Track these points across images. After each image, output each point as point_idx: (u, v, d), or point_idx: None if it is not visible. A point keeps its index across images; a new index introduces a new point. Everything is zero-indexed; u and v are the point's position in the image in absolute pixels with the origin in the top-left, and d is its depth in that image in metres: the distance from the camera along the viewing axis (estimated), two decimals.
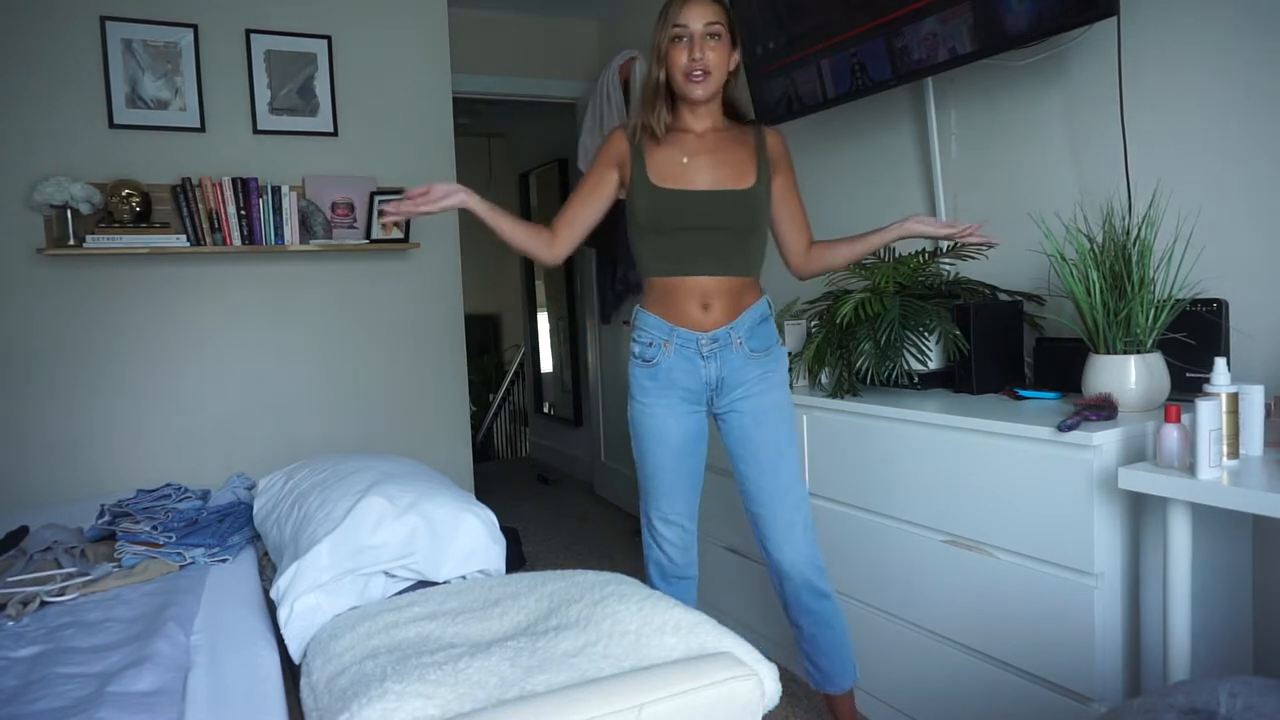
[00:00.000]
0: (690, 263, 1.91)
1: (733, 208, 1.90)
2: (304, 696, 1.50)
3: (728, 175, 1.92)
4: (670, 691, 1.30)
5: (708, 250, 1.91)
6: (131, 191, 2.98)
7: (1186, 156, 1.94)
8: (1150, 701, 1.18)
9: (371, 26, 3.47)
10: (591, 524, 4.42)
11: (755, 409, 1.96)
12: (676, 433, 1.99)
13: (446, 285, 3.66)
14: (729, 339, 1.93)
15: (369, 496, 1.89)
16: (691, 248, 1.91)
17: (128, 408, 3.12)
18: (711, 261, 1.91)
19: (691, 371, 1.95)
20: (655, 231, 1.92)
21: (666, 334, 1.94)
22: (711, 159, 1.93)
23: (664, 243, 1.92)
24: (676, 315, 1.94)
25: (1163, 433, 1.52)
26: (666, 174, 1.91)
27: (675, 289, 1.93)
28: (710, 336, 1.93)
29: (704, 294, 1.92)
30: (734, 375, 1.95)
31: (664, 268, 1.94)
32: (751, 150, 1.96)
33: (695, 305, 1.93)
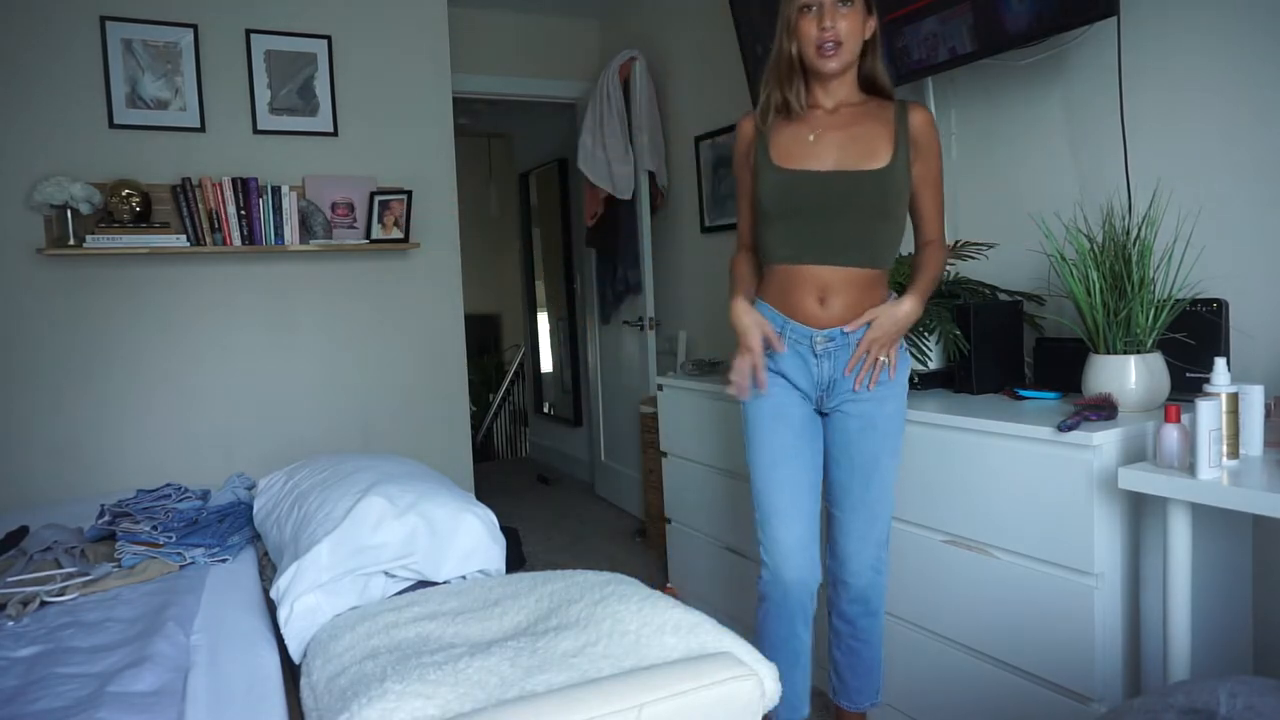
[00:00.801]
0: (807, 250, 1.75)
1: (859, 190, 1.72)
2: (304, 696, 1.50)
3: (857, 154, 1.73)
4: (670, 691, 1.30)
5: (827, 237, 1.74)
6: (131, 191, 2.98)
7: (1186, 156, 1.95)
8: (1150, 701, 1.18)
9: (371, 26, 3.48)
10: (591, 524, 4.42)
11: (865, 415, 1.81)
12: (797, 414, 1.83)
13: (446, 285, 3.66)
14: (846, 340, 1.77)
15: (369, 496, 1.89)
16: (809, 234, 1.75)
17: (128, 407, 3.12)
18: (830, 250, 1.74)
19: (803, 369, 1.81)
20: (777, 216, 1.78)
21: (779, 327, 1.80)
22: (841, 136, 1.76)
23: (786, 228, 1.77)
24: (791, 307, 1.79)
25: (1163, 433, 1.52)
26: (789, 153, 1.77)
27: (791, 279, 1.78)
28: (826, 335, 1.77)
29: (822, 286, 1.76)
30: (845, 381, 1.80)
31: (781, 254, 1.79)
32: (889, 127, 1.76)
33: (811, 298, 1.77)
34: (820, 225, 1.74)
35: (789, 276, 1.79)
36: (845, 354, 1.78)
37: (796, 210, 1.75)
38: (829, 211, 1.73)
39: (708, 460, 2.82)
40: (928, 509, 1.99)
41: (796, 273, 1.77)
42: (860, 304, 1.76)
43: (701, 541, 2.91)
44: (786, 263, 1.78)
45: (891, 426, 1.83)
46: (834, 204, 1.73)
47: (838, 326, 1.77)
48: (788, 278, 1.79)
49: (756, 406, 1.84)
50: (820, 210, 1.74)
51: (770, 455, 1.83)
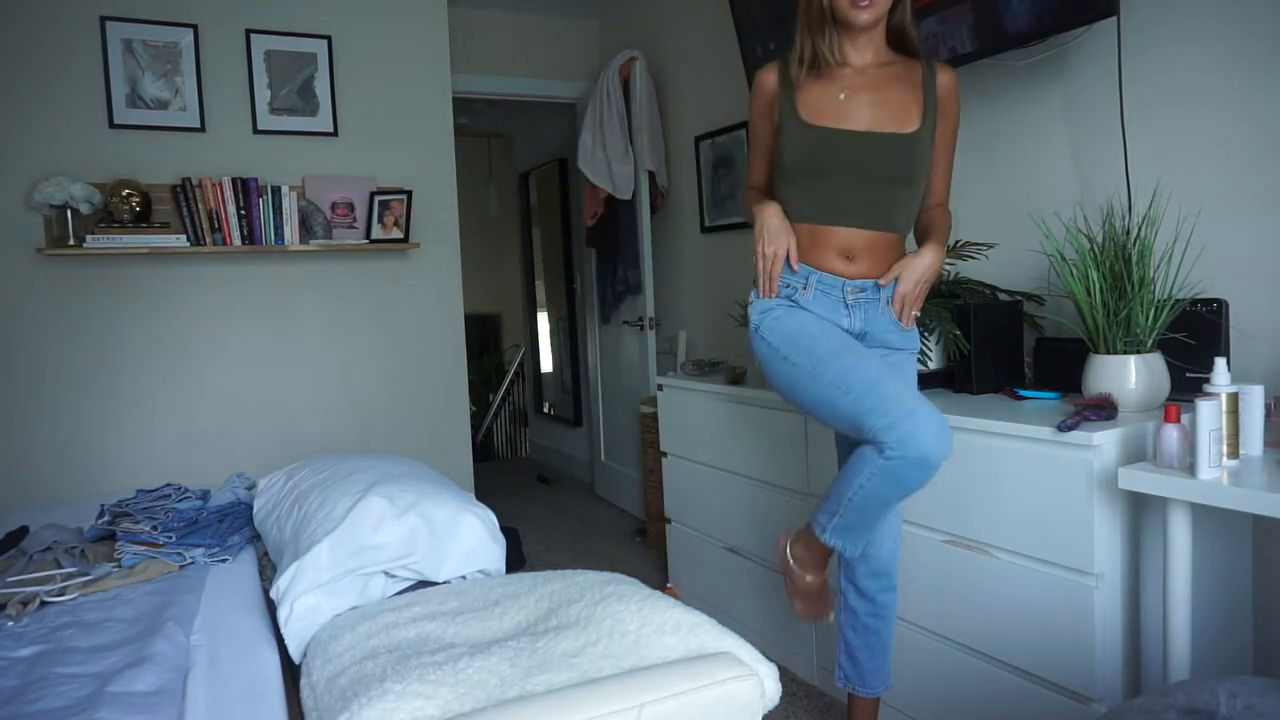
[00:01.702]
0: (836, 212, 1.73)
1: (891, 153, 1.69)
2: (304, 696, 1.50)
3: (889, 116, 1.70)
4: (670, 691, 1.30)
5: (857, 200, 1.71)
6: (131, 191, 2.98)
7: (1186, 156, 1.95)
8: (1150, 701, 1.18)
9: (371, 26, 3.48)
10: (591, 524, 4.42)
11: (895, 348, 1.80)
12: (845, 330, 1.77)
13: (446, 285, 3.66)
14: (878, 294, 1.76)
15: (369, 496, 1.89)
16: (839, 195, 1.72)
17: (128, 407, 3.12)
18: (860, 213, 1.72)
19: (832, 319, 1.77)
20: (802, 174, 1.73)
21: (804, 279, 1.76)
22: (873, 97, 1.71)
23: (810, 187, 1.73)
24: (817, 260, 1.77)
25: (1163, 433, 1.51)
26: (819, 110, 1.71)
27: (815, 237, 1.76)
28: (857, 285, 1.75)
29: (847, 247, 1.75)
30: (877, 333, 1.78)
31: (807, 214, 1.76)
32: (919, 89, 1.73)
33: (837, 255, 1.75)
34: (848, 187, 1.71)
35: (813, 235, 1.76)
36: (875, 308, 1.76)
37: (825, 170, 1.71)
38: (859, 174, 1.70)
39: (708, 460, 2.82)
40: (928, 509, 1.99)
41: (821, 232, 1.75)
42: (883, 263, 1.76)
43: (701, 541, 2.91)
44: (810, 222, 1.76)
45: (911, 361, 1.85)
46: (865, 166, 1.69)
47: (867, 279, 1.75)
48: (812, 235, 1.76)
49: (794, 315, 1.76)
50: (850, 172, 1.70)
51: (835, 343, 1.69)
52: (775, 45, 2.75)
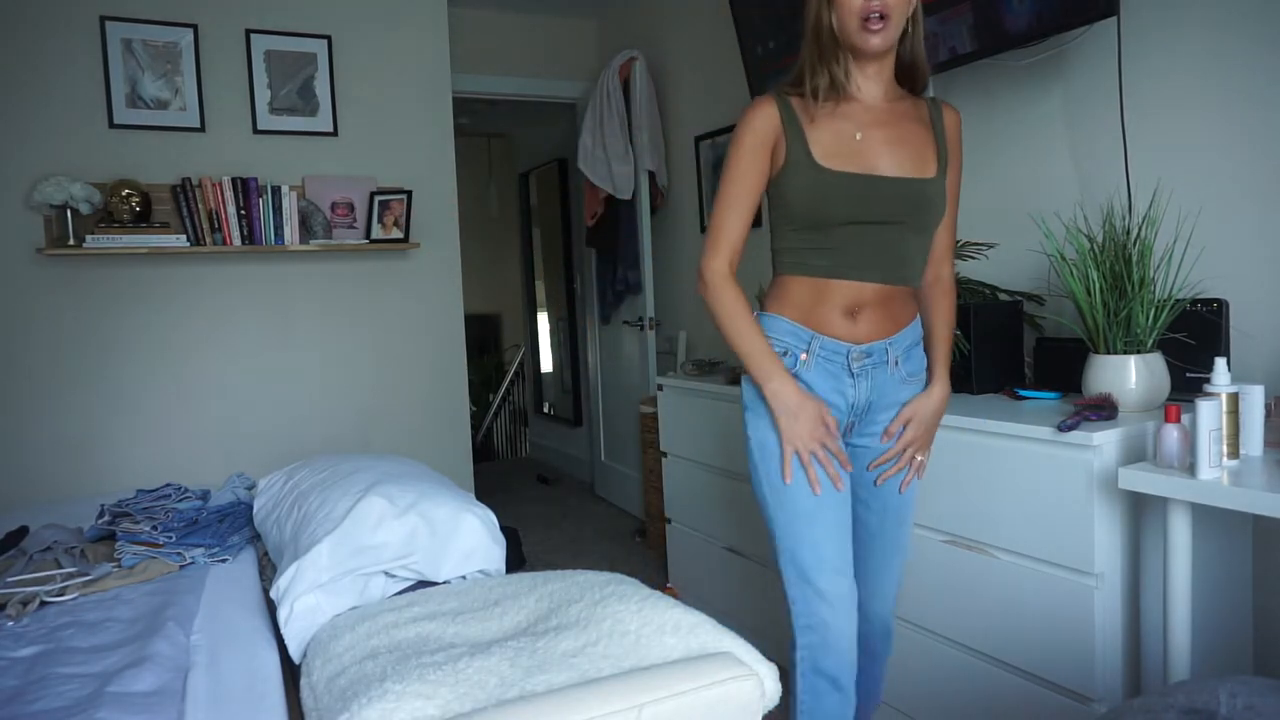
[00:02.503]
0: (850, 265, 1.52)
1: (918, 201, 1.51)
2: (304, 696, 1.50)
3: (910, 159, 1.52)
4: (670, 691, 1.30)
5: (875, 251, 1.52)
6: (131, 191, 2.98)
7: (1186, 156, 1.95)
8: (1150, 701, 1.18)
9: (371, 26, 3.47)
10: (591, 524, 4.42)
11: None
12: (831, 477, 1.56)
13: (446, 285, 3.66)
14: (885, 356, 1.57)
15: (369, 496, 1.89)
16: (857, 246, 1.51)
17: (128, 408, 3.12)
18: (876, 265, 1.52)
19: (836, 390, 1.56)
20: (813, 224, 1.51)
21: (805, 342, 1.55)
22: (888, 135, 1.52)
23: (822, 238, 1.52)
24: (819, 321, 1.54)
25: (1163, 433, 1.51)
26: (834, 151, 1.49)
27: (820, 292, 1.54)
28: (864, 350, 1.55)
29: (855, 303, 1.54)
30: (884, 399, 1.59)
31: (816, 267, 1.53)
32: (929, 129, 1.57)
33: (840, 313, 1.54)
34: (871, 238, 1.51)
35: (817, 290, 1.54)
36: (883, 373, 1.57)
37: (841, 219, 1.50)
38: (883, 224, 1.51)
39: (708, 460, 2.82)
40: (928, 509, 1.99)
41: (827, 287, 1.53)
42: (891, 322, 1.57)
43: (701, 541, 2.91)
44: (817, 275, 1.53)
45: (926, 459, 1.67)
46: (890, 215, 1.50)
47: (876, 341, 1.55)
48: (815, 291, 1.54)
49: (773, 442, 1.58)
50: (876, 221, 1.50)
51: (811, 497, 1.54)
52: (775, 45, 2.75)
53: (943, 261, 1.66)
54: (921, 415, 1.60)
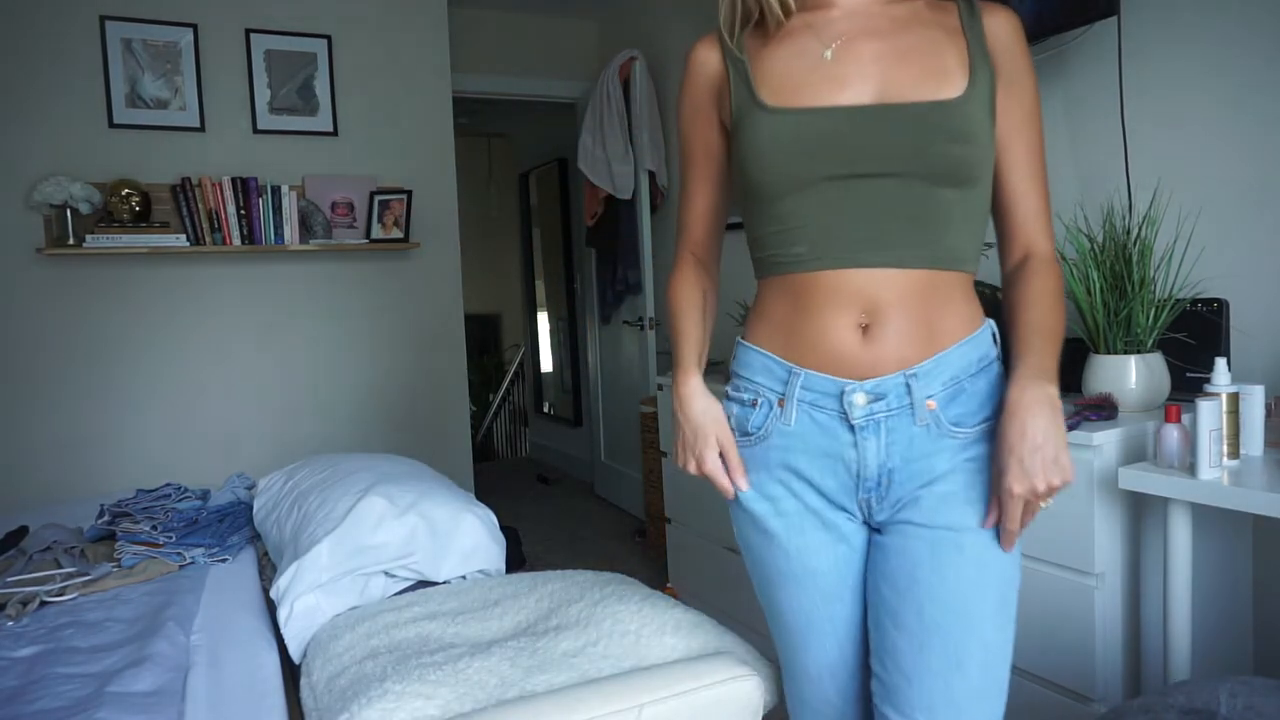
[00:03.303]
0: (835, 244, 1.03)
1: (924, 132, 1.00)
2: (304, 696, 1.50)
3: (916, 75, 1.02)
4: (670, 691, 1.30)
5: (872, 218, 1.02)
6: (131, 191, 2.98)
7: (1186, 156, 1.94)
8: (1150, 701, 1.18)
9: (371, 26, 3.47)
10: (591, 524, 4.42)
11: (950, 523, 1.04)
12: (825, 556, 1.09)
13: (446, 285, 3.66)
14: (905, 397, 1.04)
15: (369, 496, 1.89)
16: (839, 216, 1.02)
17: (127, 407, 3.12)
18: (876, 241, 1.02)
19: (828, 458, 1.07)
20: (771, 192, 1.05)
21: (779, 382, 1.08)
22: (880, 49, 1.05)
23: (788, 211, 1.04)
24: (805, 346, 1.06)
25: (1163, 433, 1.51)
26: (789, 84, 1.05)
27: (806, 297, 1.05)
28: (870, 388, 1.03)
29: (863, 304, 1.03)
30: (917, 466, 1.05)
31: (785, 257, 1.06)
32: (956, 35, 1.06)
33: (844, 326, 1.03)
34: (857, 199, 1.02)
35: (802, 294, 1.05)
36: (906, 424, 1.04)
37: (813, 176, 1.02)
38: (871, 174, 1.01)
39: None
40: None
41: (814, 285, 1.04)
42: (928, 333, 1.04)
43: (701, 541, 2.91)
44: (795, 269, 1.05)
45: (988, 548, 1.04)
46: (880, 159, 1.01)
47: (895, 372, 1.03)
48: (799, 296, 1.06)
49: (748, 550, 1.16)
50: (869, 175, 1.01)
51: (790, 630, 1.14)
52: None
53: (1032, 229, 1.10)
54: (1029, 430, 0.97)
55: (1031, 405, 0.98)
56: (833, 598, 1.10)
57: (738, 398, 1.14)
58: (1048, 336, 1.07)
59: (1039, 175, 1.10)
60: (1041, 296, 1.09)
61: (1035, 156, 1.10)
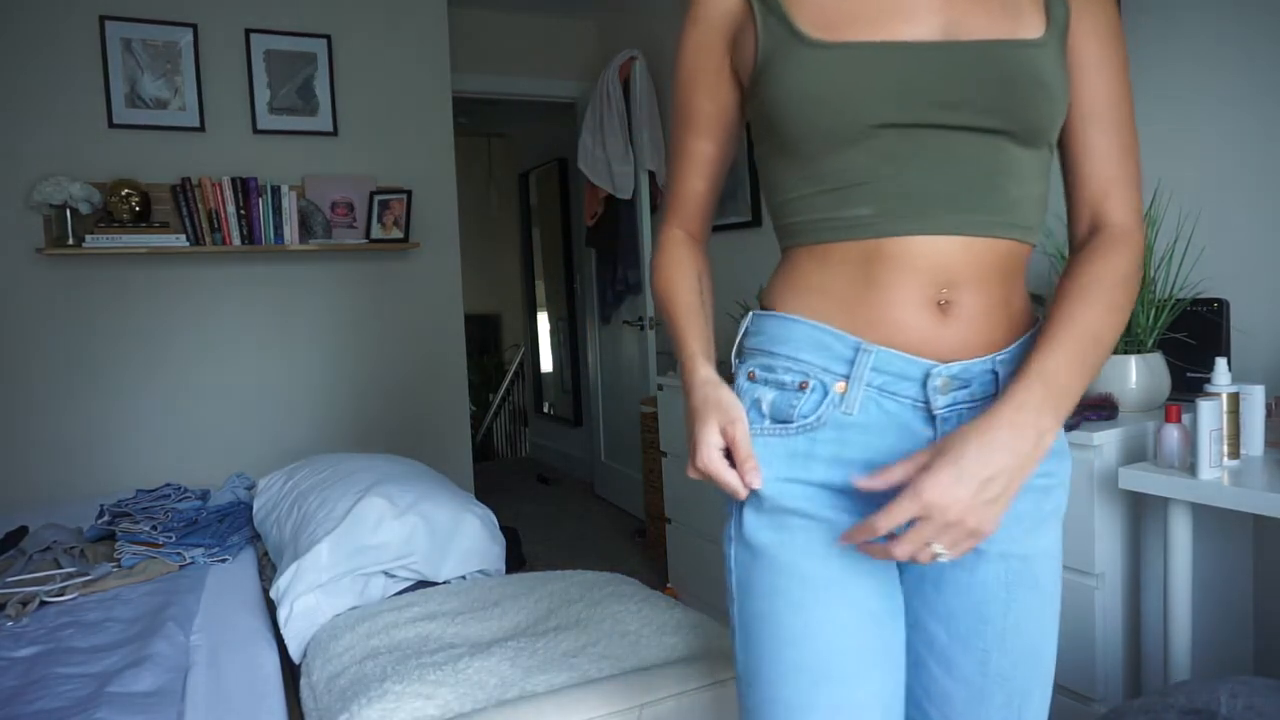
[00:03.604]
0: (908, 205, 0.85)
1: (1009, 78, 0.84)
2: (304, 696, 1.50)
3: (985, 7, 0.85)
4: (670, 691, 1.30)
5: (946, 177, 0.85)
6: (131, 191, 2.98)
7: (1186, 156, 1.94)
8: (1150, 701, 1.18)
9: (371, 26, 3.47)
10: (591, 524, 4.42)
11: (1023, 554, 0.93)
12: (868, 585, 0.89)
13: (446, 285, 3.66)
14: (991, 386, 0.88)
15: (369, 496, 1.89)
16: (910, 173, 0.85)
17: (128, 407, 3.12)
18: (956, 203, 0.85)
19: (897, 450, 0.87)
20: (819, 145, 0.86)
21: (845, 359, 0.87)
22: None
23: (840, 167, 0.86)
24: (870, 319, 0.87)
25: (1163, 433, 1.51)
26: (836, 13, 0.86)
27: (870, 263, 0.87)
28: (956, 373, 0.87)
29: (939, 276, 0.85)
30: None
31: (842, 219, 0.87)
32: None
33: (921, 299, 0.86)
34: (926, 154, 0.84)
35: (866, 263, 0.87)
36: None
37: (871, 124, 0.84)
38: (941, 124, 0.84)
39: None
40: None
41: (882, 254, 0.86)
42: (1001, 314, 0.89)
43: (701, 542, 2.91)
44: (856, 234, 0.86)
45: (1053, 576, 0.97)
46: (952, 107, 0.84)
47: (984, 356, 0.87)
48: (863, 266, 0.87)
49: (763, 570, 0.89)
50: (924, 121, 0.84)
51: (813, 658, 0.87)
52: None
53: (1105, 192, 0.91)
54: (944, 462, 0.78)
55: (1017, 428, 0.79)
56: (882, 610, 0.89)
57: (774, 379, 0.90)
58: (1085, 343, 0.83)
59: (1121, 126, 0.91)
60: (1098, 285, 0.87)
61: (1116, 101, 0.90)
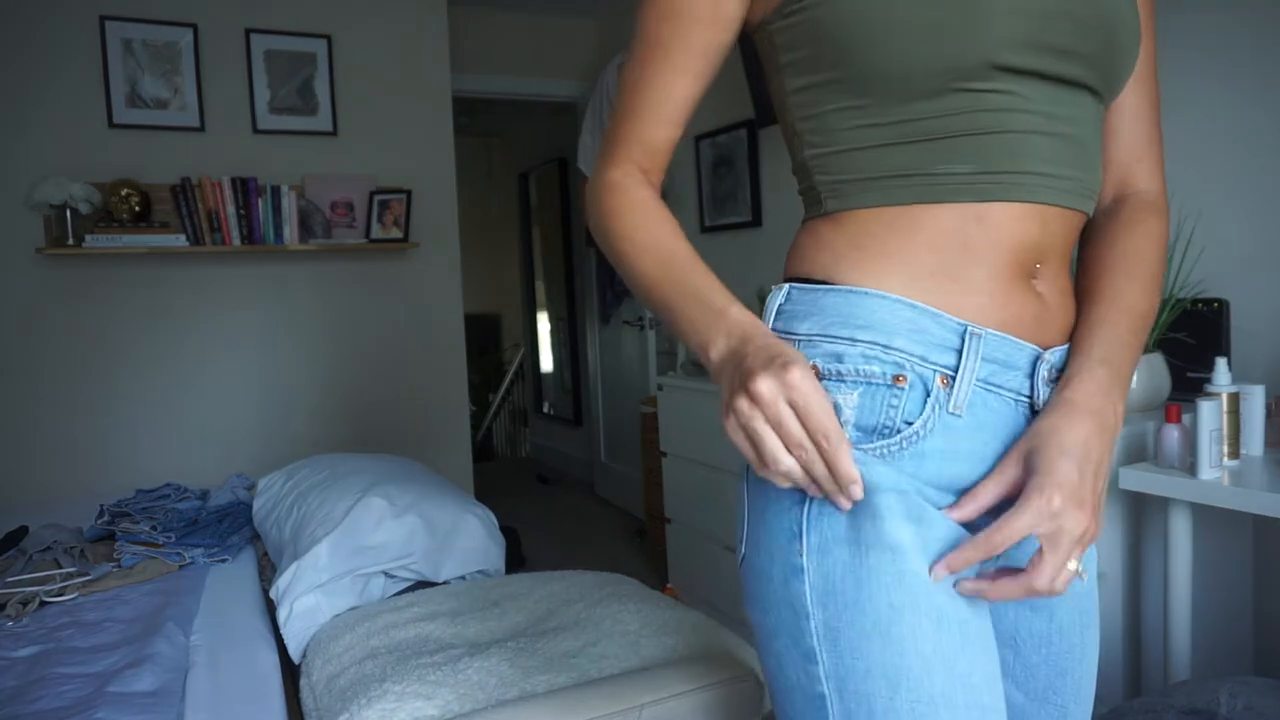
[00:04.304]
0: (1017, 165, 0.71)
1: (1110, 28, 0.72)
2: (304, 697, 1.50)
3: None
4: (670, 691, 1.30)
5: (1050, 136, 0.72)
6: (131, 191, 2.98)
7: (1186, 156, 1.94)
8: (1151, 701, 1.18)
9: (371, 26, 3.47)
10: (591, 524, 4.42)
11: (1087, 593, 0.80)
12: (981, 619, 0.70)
13: (446, 285, 3.66)
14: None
15: (369, 497, 1.89)
16: (1013, 129, 0.70)
17: (127, 407, 3.12)
18: (1056, 165, 0.72)
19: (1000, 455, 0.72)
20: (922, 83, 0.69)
21: (943, 349, 0.71)
22: None
23: (936, 111, 0.70)
24: (973, 295, 0.72)
25: (1163, 433, 1.51)
26: None
27: (969, 230, 0.71)
28: (1057, 360, 0.76)
29: (1033, 250, 0.73)
30: None
31: (933, 175, 0.71)
32: None
33: (1017, 275, 0.73)
34: (1034, 105, 0.71)
35: (964, 230, 0.71)
36: None
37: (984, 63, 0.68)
38: (1060, 74, 0.71)
39: (708, 460, 2.82)
40: None
41: (981, 220, 0.71)
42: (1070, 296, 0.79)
43: (701, 541, 2.91)
44: (953, 198, 0.71)
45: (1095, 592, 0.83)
46: (1069, 54, 0.71)
47: (1066, 343, 0.77)
48: (959, 234, 0.71)
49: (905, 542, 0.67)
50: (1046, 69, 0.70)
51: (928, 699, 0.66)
52: None
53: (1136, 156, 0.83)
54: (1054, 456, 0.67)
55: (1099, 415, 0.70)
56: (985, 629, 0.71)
57: (856, 373, 0.70)
58: (1134, 321, 0.75)
59: (1152, 91, 0.83)
60: (1138, 259, 0.78)
61: (1149, 67, 0.83)
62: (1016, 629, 0.77)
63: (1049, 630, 0.77)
